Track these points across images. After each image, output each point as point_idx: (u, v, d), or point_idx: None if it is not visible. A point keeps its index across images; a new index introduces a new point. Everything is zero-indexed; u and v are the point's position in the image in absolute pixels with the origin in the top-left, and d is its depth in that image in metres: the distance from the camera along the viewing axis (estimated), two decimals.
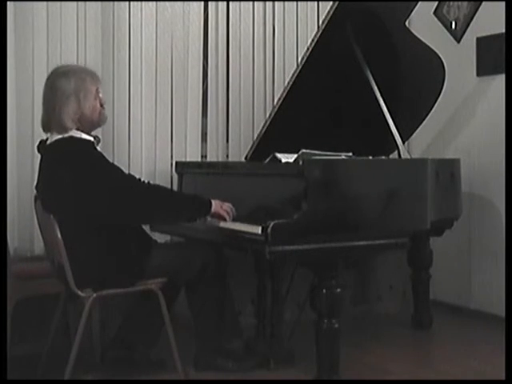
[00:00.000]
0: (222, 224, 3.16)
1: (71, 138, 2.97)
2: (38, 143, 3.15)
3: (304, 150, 3.22)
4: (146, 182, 3.30)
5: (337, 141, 3.49)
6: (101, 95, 3.08)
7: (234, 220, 3.17)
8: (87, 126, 3.03)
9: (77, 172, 2.90)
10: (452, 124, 4.57)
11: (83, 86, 3.01)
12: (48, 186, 3.01)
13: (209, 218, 3.16)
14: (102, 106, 3.08)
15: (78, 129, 2.99)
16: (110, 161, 3.08)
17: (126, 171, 3.31)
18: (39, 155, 3.13)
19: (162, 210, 3.07)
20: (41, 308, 3.44)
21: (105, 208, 2.91)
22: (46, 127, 3.05)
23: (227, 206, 3.16)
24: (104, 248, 2.97)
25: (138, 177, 3.26)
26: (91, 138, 3.03)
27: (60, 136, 2.98)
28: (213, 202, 3.12)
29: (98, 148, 3.07)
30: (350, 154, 3.39)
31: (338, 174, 3.09)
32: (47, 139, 3.07)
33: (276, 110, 3.72)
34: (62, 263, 2.92)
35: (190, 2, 4.12)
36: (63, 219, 2.92)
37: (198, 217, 3.17)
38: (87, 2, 3.80)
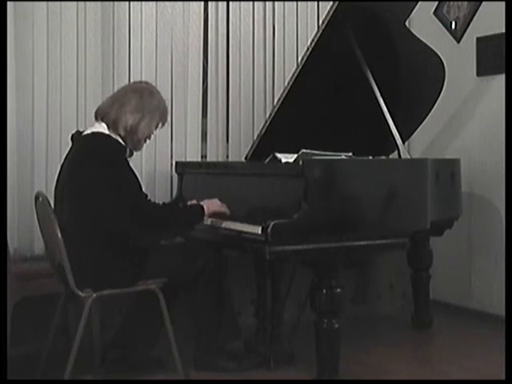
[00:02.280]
0: (224, 224, 3.17)
1: (110, 136, 3.06)
2: (73, 132, 3.21)
3: (304, 150, 3.22)
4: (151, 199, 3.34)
5: (337, 141, 3.49)
6: (153, 133, 3.21)
7: (234, 220, 3.17)
8: (124, 139, 3.10)
9: (100, 169, 2.94)
10: (452, 124, 4.56)
11: (154, 113, 3.13)
12: (68, 174, 3.05)
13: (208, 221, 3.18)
14: (146, 140, 3.18)
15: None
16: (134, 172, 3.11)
17: None
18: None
19: (162, 229, 3.09)
20: (41, 308, 3.44)
21: (109, 213, 2.94)
22: (100, 115, 3.12)
23: (216, 204, 3.19)
24: (104, 248, 2.97)
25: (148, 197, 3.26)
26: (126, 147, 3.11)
27: (101, 130, 3.06)
28: (204, 205, 3.14)
29: None
30: (350, 154, 3.39)
31: (338, 174, 3.09)
32: (83, 131, 3.14)
33: (276, 110, 3.72)
34: (62, 263, 2.92)
35: (190, 2, 4.12)
36: (68, 214, 2.96)
37: (196, 225, 3.18)
38: (87, 2, 3.80)
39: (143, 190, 3.13)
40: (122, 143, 3.09)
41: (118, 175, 2.97)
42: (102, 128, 3.08)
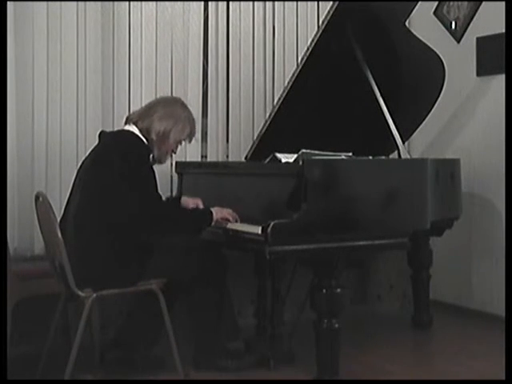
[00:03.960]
0: (225, 224, 3.17)
1: (138, 136, 3.13)
2: (101, 131, 3.28)
3: (304, 150, 3.22)
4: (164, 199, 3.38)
5: (337, 141, 3.49)
6: (179, 146, 3.28)
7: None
8: (153, 146, 3.16)
9: (122, 163, 2.98)
10: (452, 124, 4.56)
11: (186, 123, 3.23)
12: (90, 165, 3.09)
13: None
14: (171, 153, 3.27)
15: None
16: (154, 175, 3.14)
17: None
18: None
19: (171, 231, 3.12)
20: (41, 308, 3.44)
21: (121, 207, 2.95)
22: (132, 120, 3.19)
23: (226, 211, 3.18)
24: (104, 248, 2.98)
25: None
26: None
27: (131, 130, 3.13)
28: (213, 210, 3.15)
29: None
30: (350, 153, 3.39)
31: (338, 173, 3.09)
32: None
33: (276, 110, 3.72)
34: (62, 263, 2.92)
35: (190, 2, 4.12)
36: (79, 207, 3.01)
37: (203, 229, 3.20)
38: (87, 2, 3.80)
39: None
40: (148, 146, 3.15)
41: (139, 172, 3.01)
42: (133, 129, 3.15)
